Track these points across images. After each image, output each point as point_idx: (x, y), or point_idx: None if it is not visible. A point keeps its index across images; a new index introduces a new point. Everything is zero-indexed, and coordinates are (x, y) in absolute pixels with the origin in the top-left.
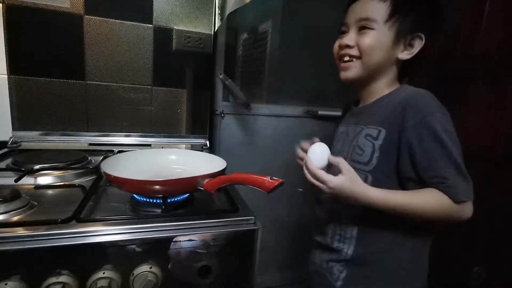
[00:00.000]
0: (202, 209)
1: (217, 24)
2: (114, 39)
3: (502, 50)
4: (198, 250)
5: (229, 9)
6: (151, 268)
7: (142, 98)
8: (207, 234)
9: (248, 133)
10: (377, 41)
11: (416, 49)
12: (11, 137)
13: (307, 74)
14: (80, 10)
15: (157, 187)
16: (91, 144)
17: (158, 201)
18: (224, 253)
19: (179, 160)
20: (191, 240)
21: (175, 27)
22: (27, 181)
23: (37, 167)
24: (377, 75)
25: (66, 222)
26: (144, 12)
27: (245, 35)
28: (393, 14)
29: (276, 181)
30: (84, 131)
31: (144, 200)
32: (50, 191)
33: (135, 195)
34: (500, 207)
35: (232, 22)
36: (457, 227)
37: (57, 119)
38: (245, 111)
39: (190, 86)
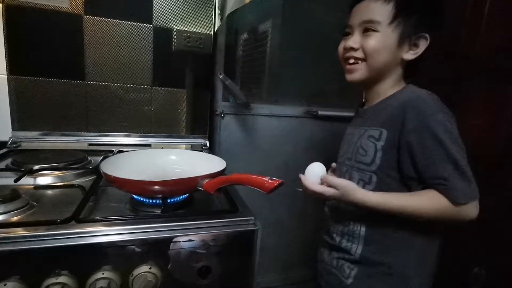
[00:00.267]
0: (202, 210)
1: (217, 24)
2: (114, 39)
3: (502, 51)
4: (198, 250)
5: (229, 9)
6: (150, 268)
7: (142, 98)
8: (207, 234)
9: (248, 133)
10: (381, 43)
11: (421, 49)
12: (11, 137)
13: (307, 74)
14: (80, 10)
15: (156, 187)
16: (90, 144)
17: (157, 201)
18: (224, 253)
19: (179, 160)
20: (190, 240)
21: (175, 27)
22: (27, 181)
23: (36, 167)
24: (382, 76)
25: (65, 223)
26: (144, 12)
27: (245, 35)
28: (397, 15)
29: (276, 181)
30: (84, 131)
31: (144, 200)
32: (50, 192)
33: (134, 196)
34: (499, 207)
35: (232, 22)
36: (456, 227)
37: (57, 119)
38: (245, 111)
39: (190, 86)
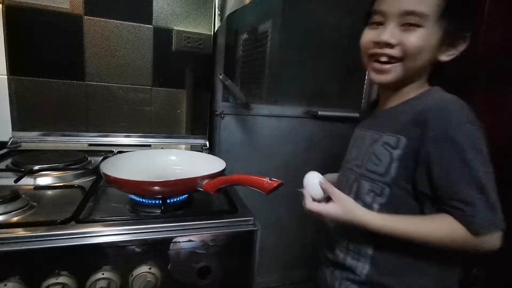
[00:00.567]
0: (202, 210)
1: (217, 24)
2: (114, 40)
3: (502, 51)
4: (198, 250)
5: (229, 10)
6: (150, 269)
7: (142, 99)
8: (207, 235)
9: (248, 134)
10: (426, 42)
11: (458, 51)
12: (11, 138)
13: (307, 74)
14: (80, 10)
15: (156, 187)
16: (90, 145)
17: (157, 202)
18: (223, 253)
19: (179, 161)
20: (190, 240)
21: (175, 27)
22: (27, 181)
23: (36, 167)
24: (412, 78)
25: (65, 223)
26: (144, 13)
27: (245, 36)
28: (448, 9)
29: (275, 182)
30: (83, 132)
31: (143, 201)
32: (50, 192)
33: (134, 196)
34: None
35: (232, 22)
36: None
37: (57, 120)
38: (245, 112)
39: (190, 86)
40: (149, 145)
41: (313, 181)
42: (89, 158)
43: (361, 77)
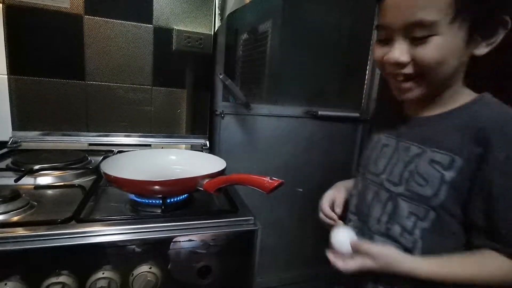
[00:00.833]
0: (202, 210)
1: (217, 24)
2: (114, 39)
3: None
4: (198, 250)
5: (229, 9)
6: (150, 268)
7: (142, 98)
8: (207, 234)
9: (248, 133)
10: (445, 51)
11: (498, 38)
12: (11, 137)
13: (307, 74)
14: (80, 10)
15: (156, 187)
16: (91, 144)
17: (157, 201)
18: (224, 253)
19: (179, 160)
20: (190, 240)
21: (175, 27)
22: (27, 181)
23: (37, 167)
24: (447, 84)
25: (65, 223)
26: (144, 12)
27: (245, 35)
28: (462, 5)
29: (275, 181)
30: (84, 131)
31: (144, 200)
32: (50, 191)
33: (134, 196)
34: None
35: (232, 22)
36: None
37: (57, 119)
38: (245, 111)
39: (190, 86)
40: (149, 145)
41: (343, 239)
42: (89, 158)
43: (361, 77)
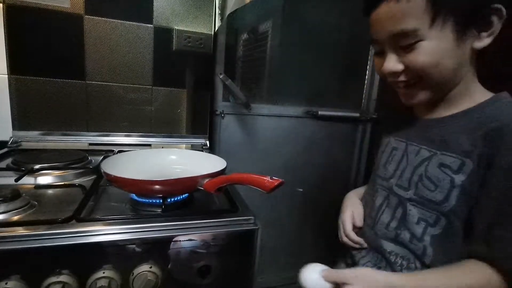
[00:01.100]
0: (202, 209)
1: (218, 24)
2: (114, 39)
3: (502, 51)
4: (198, 250)
5: (229, 9)
6: (151, 267)
7: (142, 98)
8: (207, 234)
9: (248, 133)
10: (434, 53)
11: (497, 27)
12: (11, 137)
13: (307, 74)
14: (80, 10)
15: (157, 187)
16: (91, 144)
17: (158, 201)
18: (224, 253)
19: (179, 160)
20: (191, 240)
21: (175, 27)
22: (27, 180)
23: (37, 167)
24: (452, 83)
25: (66, 222)
26: (144, 12)
27: (245, 35)
28: (438, 8)
29: (276, 181)
30: (84, 131)
31: (144, 200)
32: (50, 191)
33: (134, 195)
34: None
35: (232, 22)
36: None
37: (57, 119)
38: (245, 111)
39: (190, 86)
40: (150, 145)
41: (313, 276)
42: (89, 158)
43: (361, 77)
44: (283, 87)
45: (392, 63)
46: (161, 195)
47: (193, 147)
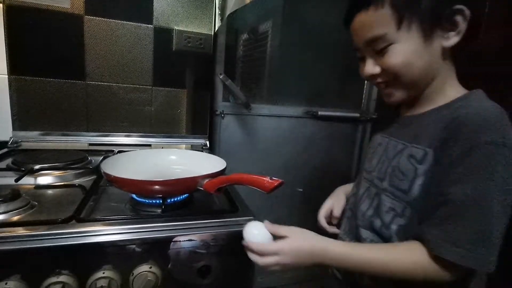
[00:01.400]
0: (202, 209)
1: (218, 24)
2: (114, 40)
3: (502, 51)
4: (198, 250)
5: (229, 9)
6: (151, 268)
7: (142, 98)
8: (207, 234)
9: (248, 133)
10: (405, 54)
11: (462, 26)
12: (11, 137)
13: (307, 74)
14: (80, 10)
15: (156, 187)
16: (91, 144)
17: (158, 201)
18: (224, 253)
19: (179, 160)
20: (191, 240)
21: (175, 27)
22: (27, 181)
23: (37, 167)
24: (425, 81)
25: (66, 222)
26: (144, 13)
27: (245, 35)
28: (401, 13)
29: (275, 181)
30: (84, 131)
31: (144, 200)
32: (50, 191)
33: (134, 196)
34: None
35: (232, 22)
36: None
37: (57, 119)
38: (245, 111)
39: (190, 86)
40: (150, 145)
41: (254, 231)
42: (89, 158)
43: (361, 77)
44: (283, 87)
45: (370, 66)
46: (161, 195)
47: (193, 147)
